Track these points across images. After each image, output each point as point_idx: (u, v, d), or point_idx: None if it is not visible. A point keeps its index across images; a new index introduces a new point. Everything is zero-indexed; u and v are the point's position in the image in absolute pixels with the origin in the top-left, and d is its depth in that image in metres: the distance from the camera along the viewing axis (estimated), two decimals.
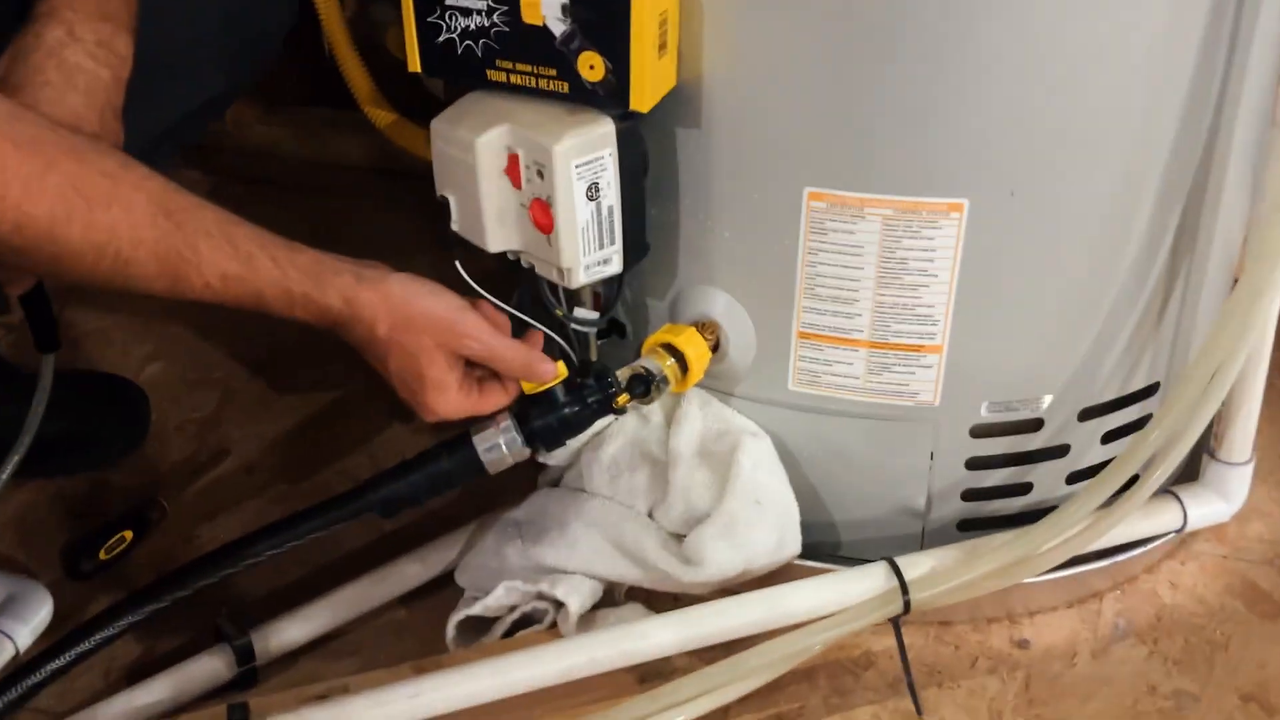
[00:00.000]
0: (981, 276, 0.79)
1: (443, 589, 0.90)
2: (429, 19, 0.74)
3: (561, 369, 0.77)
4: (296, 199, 0.73)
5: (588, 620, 0.85)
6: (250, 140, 1.36)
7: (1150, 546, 0.89)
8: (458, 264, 0.77)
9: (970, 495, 0.90)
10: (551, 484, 0.94)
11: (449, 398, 0.74)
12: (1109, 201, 0.77)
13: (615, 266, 0.79)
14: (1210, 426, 0.86)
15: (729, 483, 0.85)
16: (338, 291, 0.70)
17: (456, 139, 0.75)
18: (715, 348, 0.86)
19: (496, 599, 0.85)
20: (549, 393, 0.79)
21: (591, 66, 0.71)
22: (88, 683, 0.83)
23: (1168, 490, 0.89)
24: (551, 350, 0.82)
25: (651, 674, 0.81)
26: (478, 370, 0.78)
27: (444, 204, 0.78)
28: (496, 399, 0.78)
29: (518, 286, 0.93)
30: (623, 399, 0.80)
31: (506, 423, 0.79)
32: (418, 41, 0.75)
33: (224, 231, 0.65)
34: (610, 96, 0.72)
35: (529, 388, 0.79)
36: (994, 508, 0.91)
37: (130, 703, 0.79)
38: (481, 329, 0.75)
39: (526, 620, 0.86)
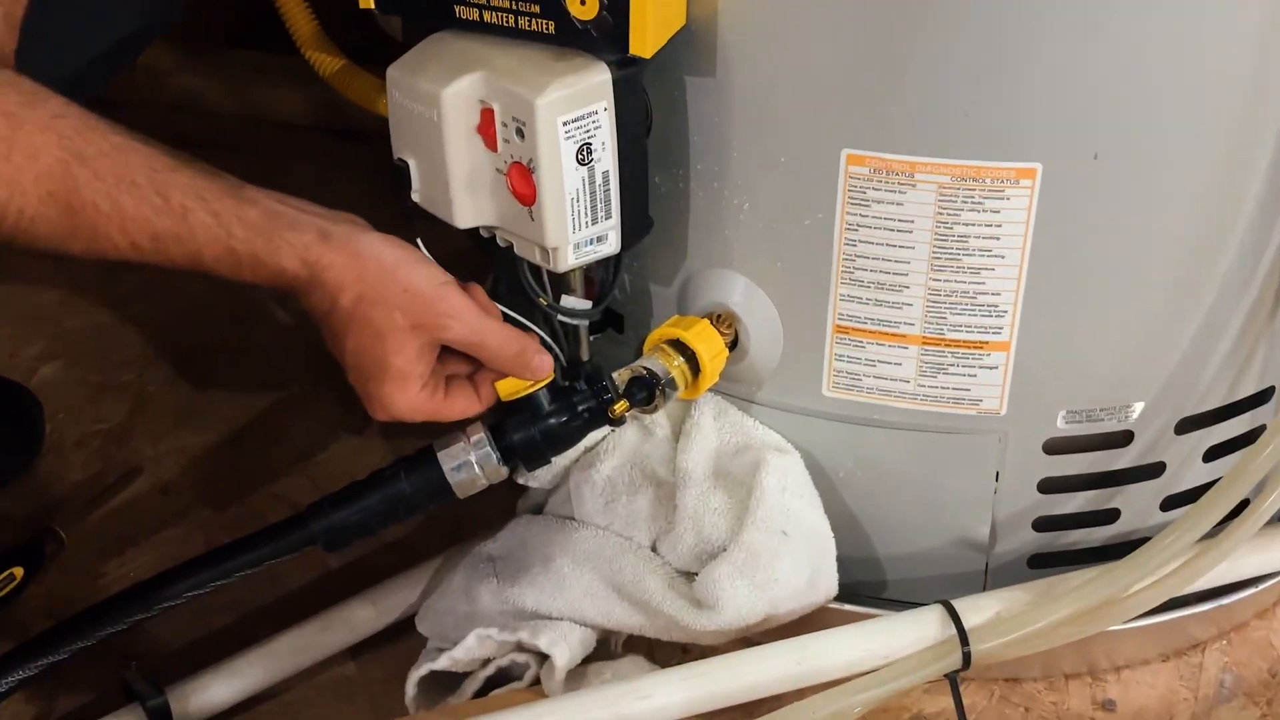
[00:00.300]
0: (1058, 257, 0.78)
1: (401, 638, 0.90)
2: None
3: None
4: (221, 163, 0.72)
5: (577, 676, 0.85)
6: (166, 92, 1.34)
7: (1263, 587, 0.89)
8: (419, 243, 0.77)
9: (1043, 524, 0.90)
10: (533, 511, 0.94)
11: (409, 393, 0.72)
12: (1214, 166, 0.76)
13: (611, 246, 0.79)
14: None
15: (750, 509, 0.85)
16: (295, 252, 0.68)
17: (417, 90, 0.75)
18: (733, 345, 0.86)
19: (467, 650, 0.85)
20: (531, 399, 0.79)
21: (583, 1, 0.70)
22: None
23: None
24: None
25: None
26: (450, 367, 0.77)
27: (402, 169, 0.78)
28: (465, 404, 0.77)
29: (491, 271, 0.93)
30: (620, 407, 0.80)
31: (479, 435, 0.79)
32: None
33: (154, 181, 0.64)
34: (605, 38, 0.72)
35: (506, 393, 0.79)
36: (1072, 539, 0.90)
37: None
38: (467, 310, 0.73)
39: (503, 676, 0.86)
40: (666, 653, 0.88)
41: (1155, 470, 0.87)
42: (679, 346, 0.83)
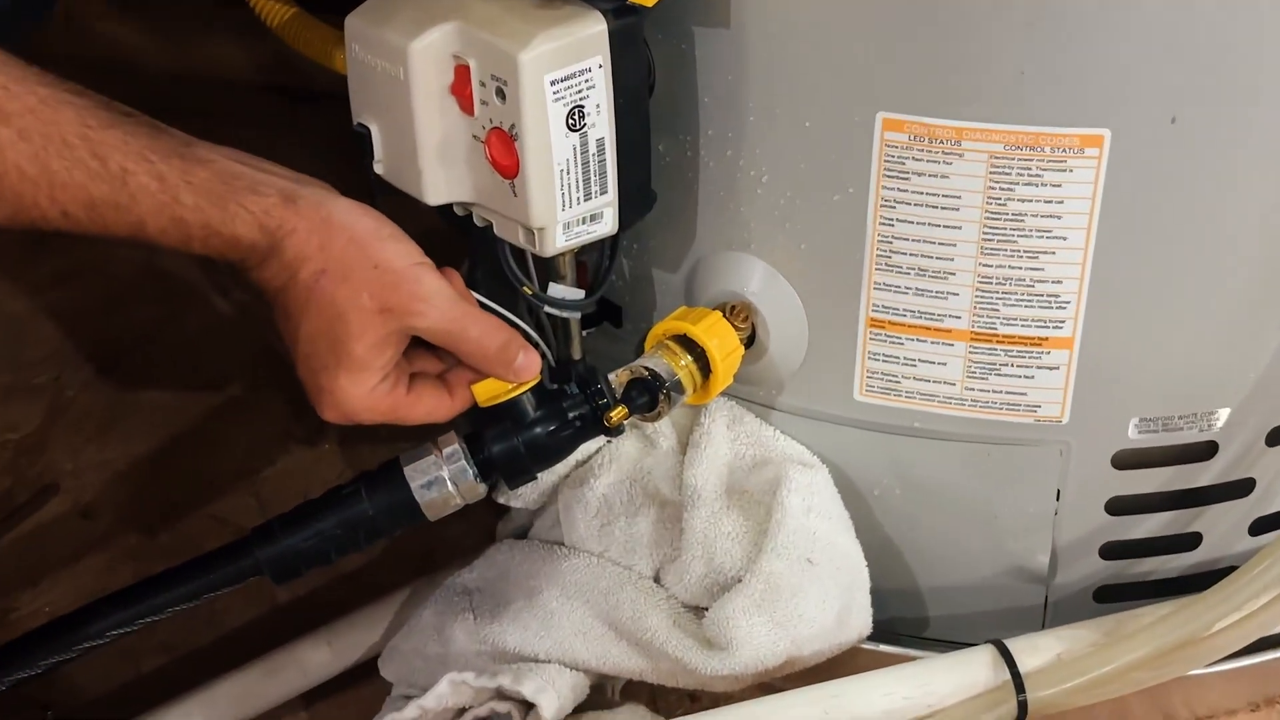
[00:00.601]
0: (1128, 238, 0.79)
1: (361, 683, 0.91)
2: None
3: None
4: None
5: None
6: (91, 45, 1.35)
7: None
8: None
9: (1112, 551, 0.90)
10: (516, 535, 0.95)
11: (365, 386, 0.71)
12: None
13: (607, 225, 0.79)
14: None
15: (770, 532, 0.85)
16: (253, 218, 0.67)
17: (381, 43, 0.75)
18: (750, 341, 0.86)
19: (438, 698, 0.85)
20: (513, 404, 0.79)
21: None
22: None
23: None
24: None
25: None
26: (419, 364, 0.77)
27: (362, 136, 0.78)
28: (432, 405, 0.76)
29: (467, 255, 0.92)
30: (617, 413, 0.80)
31: (452, 447, 0.79)
32: None
33: (88, 141, 0.62)
34: None
35: (485, 397, 0.79)
36: (1146, 568, 0.90)
37: None
38: (443, 295, 0.73)
39: None
40: (671, 701, 0.89)
41: (1243, 488, 0.87)
42: (686, 343, 0.83)
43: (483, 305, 0.81)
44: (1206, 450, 0.85)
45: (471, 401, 0.78)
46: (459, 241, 0.87)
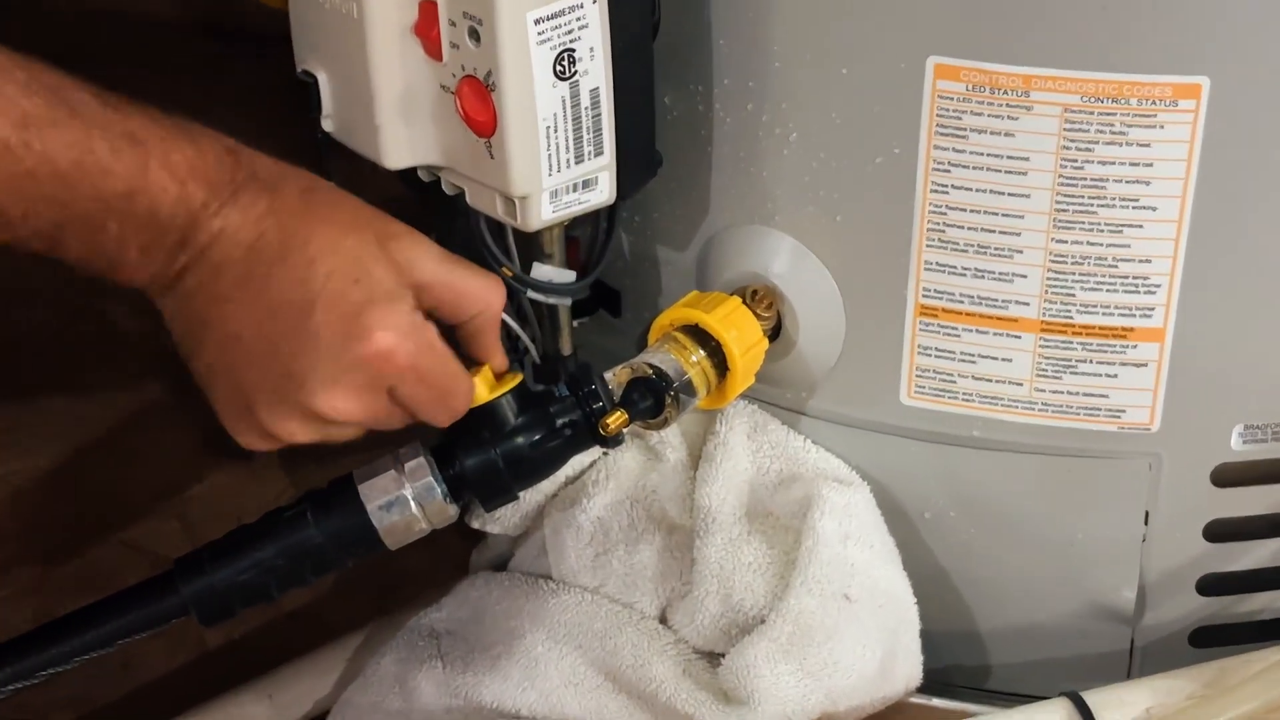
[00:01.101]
0: (1231, 208, 0.79)
1: None
2: None
3: (486, 371, 0.79)
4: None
5: None
6: None
7: None
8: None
9: (1212, 585, 0.89)
10: (493, 567, 0.95)
11: (403, 312, 0.72)
12: None
13: (602, 194, 0.80)
14: None
15: (799, 564, 0.85)
16: (215, 151, 0.70)
17: None
18: (775, 332, 0.87)
19: None
20: (490, 409, 0.79)
21: None
22: None
23: None
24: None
25: None
26: None
27: (308, 86, 0.79)
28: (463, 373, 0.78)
29: (434, 230, 0.90)
30: (615, 419, 0.80)
31: (417, 460, 0.79)
32: None
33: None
34: None
35: None
36: (1252, 607, 0.90)
37: None
38: (434, 246, 0.75)
39: None
40: None
41: None
42: (699, 335, 0.84)
43: None
44: None
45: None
46: (424, 214, 0.87)
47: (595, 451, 0.89)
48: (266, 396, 0.71)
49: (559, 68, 0.75)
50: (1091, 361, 0.84)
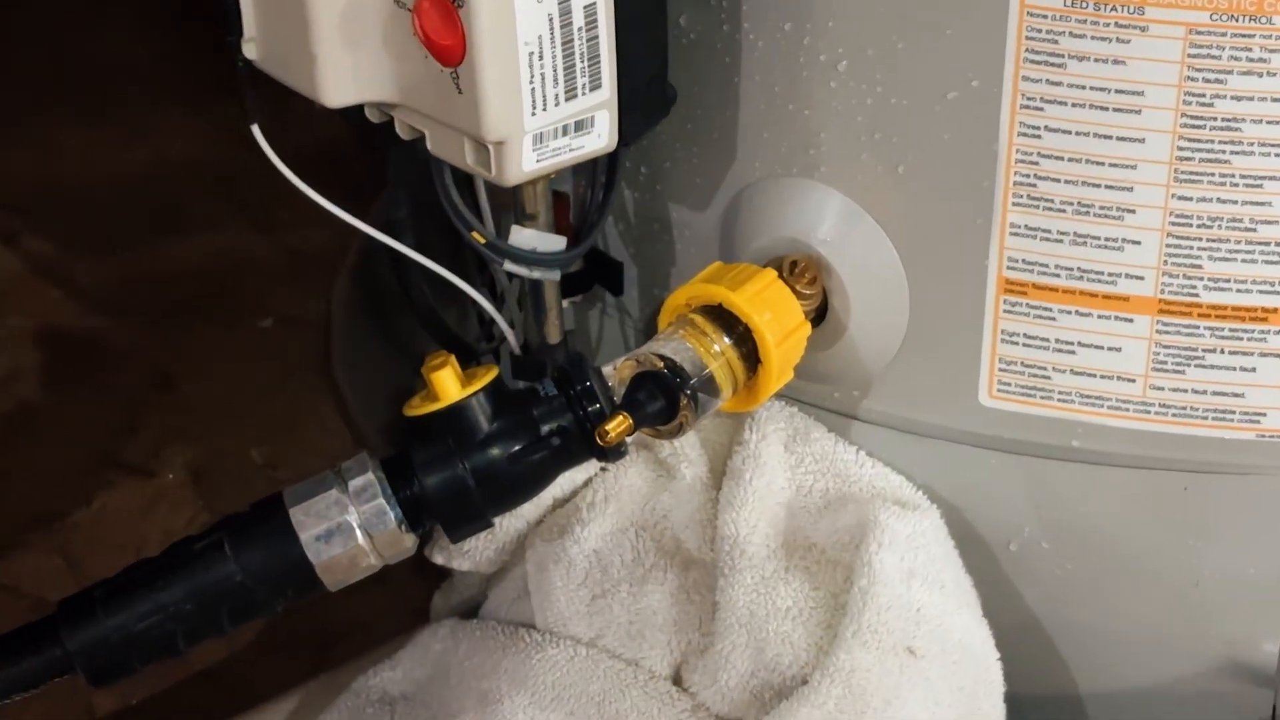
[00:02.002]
0: None
1: None
2: None
3: (452, 363, 0.79)
4: None
5: None
6: None
7: None
8: (255, 131, 0.78)
9: None
10: (461, 613, 0.96)
11: None
12: None
13: (601, 138, 0.80)
14: None
15: (850, 609, 0.85)
16: None
17: None
18: (819, 314, 0.86)
19: None
20: (456, 412, 0.80)
21: None
22: None
23: None
24: (463, 330, 0.84)
25: None
26: None
27: (228, 6, 0.79)
28: None
29: (387, 183, 0.93)
30: (616, 425, 0.80)
31: (364, 478, 0.80)
32: None
33: None
34: None
35: (414, 399, 0.81)
36: None
37: None
38: None
39: None
40: None
41: None
42: (723, 318, 0.83)
43: (403, 280, 0.82)
44: None
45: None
46: (373, 163, 0.87)
47: (591, 466, 0.89)
48: None
49: None
50: (1222, 351, 0.83)
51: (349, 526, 0.78)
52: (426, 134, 0.79)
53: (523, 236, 0.83)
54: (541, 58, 0.75)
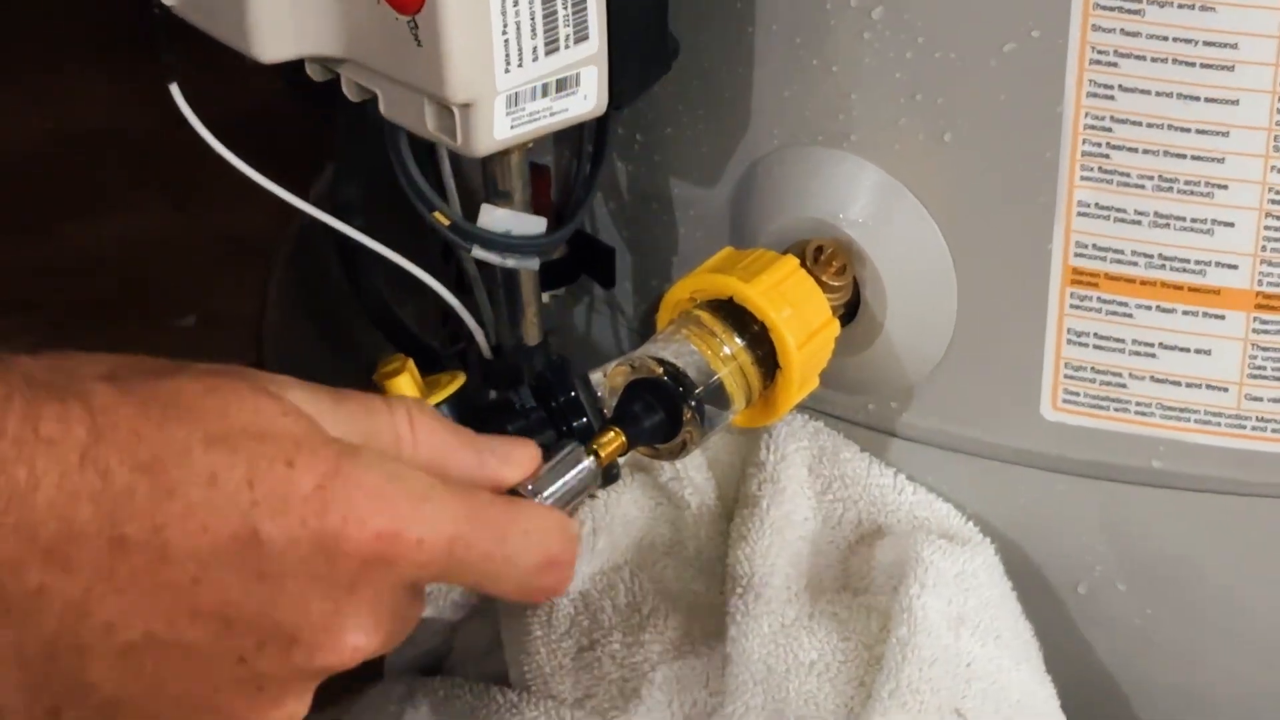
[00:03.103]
0: None
1: None
2: None
3: (410, 370, 0.80)
4: None
5: None
6: None
7: None
8: (174, 91, 0.79)
9: None
10: (421, 669, 0.96)
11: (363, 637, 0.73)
12: None
13: (588, 100, 0.80)
14: None
15: (888, 664, 0.85)
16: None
17: None
18: (849, 311, 0.88)
19: None
20: None
21: None
22: None
23: None
24: (423, 330, 0.84)
25: None
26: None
27: None
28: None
29: (334, 156, 0.93)
30: (607, 443, 0.79)
31: None
32: None
33: None
34: None
35: None
36: None
37: None
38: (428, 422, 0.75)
39: None
40: None
41: None
42: (734, 316, 0.83)
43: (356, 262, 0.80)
44: None
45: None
46: (316, 131, 0.88)
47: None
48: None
49: None
50: None
51: None
52: (379, 95, 0.79)
53: (495, 217, 0.83)
54: (517, 4, 0.76)
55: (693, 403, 0.80)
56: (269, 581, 0.69)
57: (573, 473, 0.76)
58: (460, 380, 0.80)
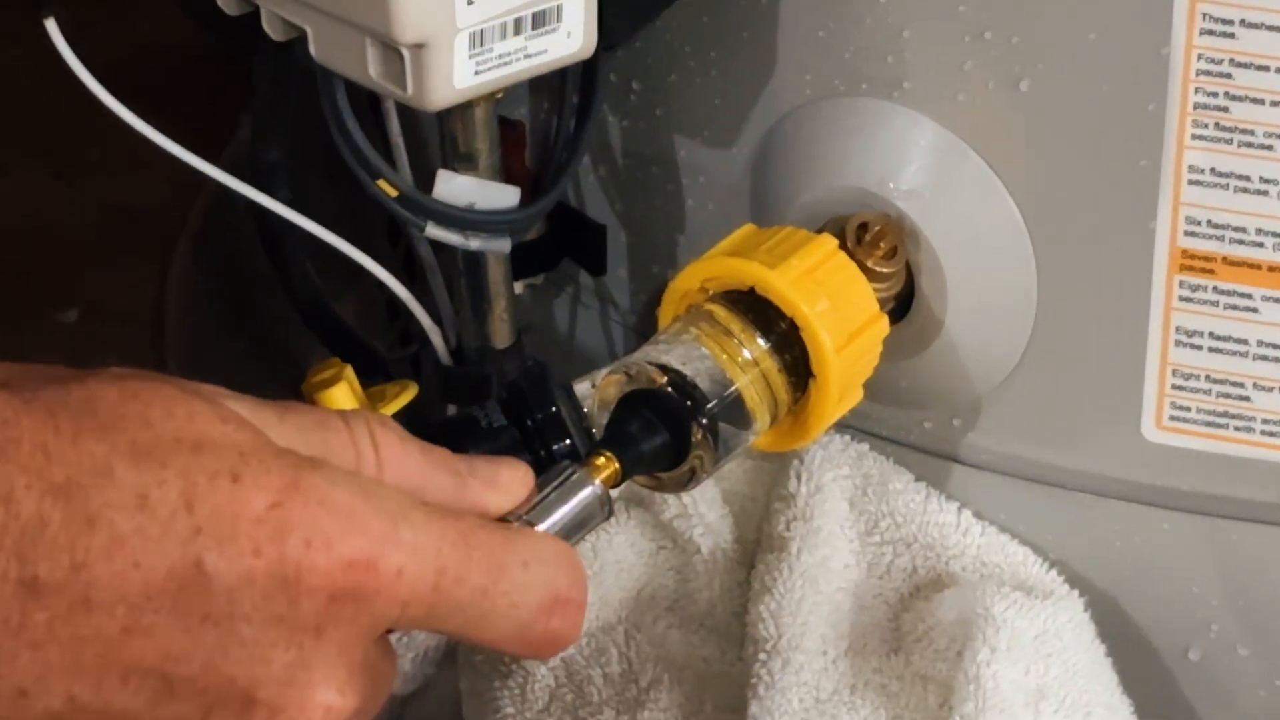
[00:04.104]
0: None
1: None
2: None
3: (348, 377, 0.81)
4: None
5: None
6: None
7: None
8: (50, 28, 0.78)
9: None
10: None
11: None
12: None
13: (571, 38, 0.81)
14: None
15: None
16: None
17: None
18: (902, 304, 0.87)
19: None
20: None
21: None
22: None
23: None
24: (364, 328, 0.83)
25: None
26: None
27: None
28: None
29: (251, 113, 0.93)
30: (599, 469, 0.79)
31: None
32: None
33: None
34: None
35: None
36: None
37: None
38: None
39: None
40: None
41: None
42: (756, 310, 0.84)
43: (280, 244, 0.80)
44: None
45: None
46: (229, 79, 0.87)
47: None
48: None
49: None
50: None
51: None
52: (309, 33, 0.79)
53: (455, 187, 0.83)
54: None
55: (704, 420, 0.80)
56: (217, 627, 0.68)
57: (574, 501, 0.75)
58: (411, 392, 0.81)
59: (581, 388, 0.82)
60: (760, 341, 0.82)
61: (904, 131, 0.85)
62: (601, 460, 0.77)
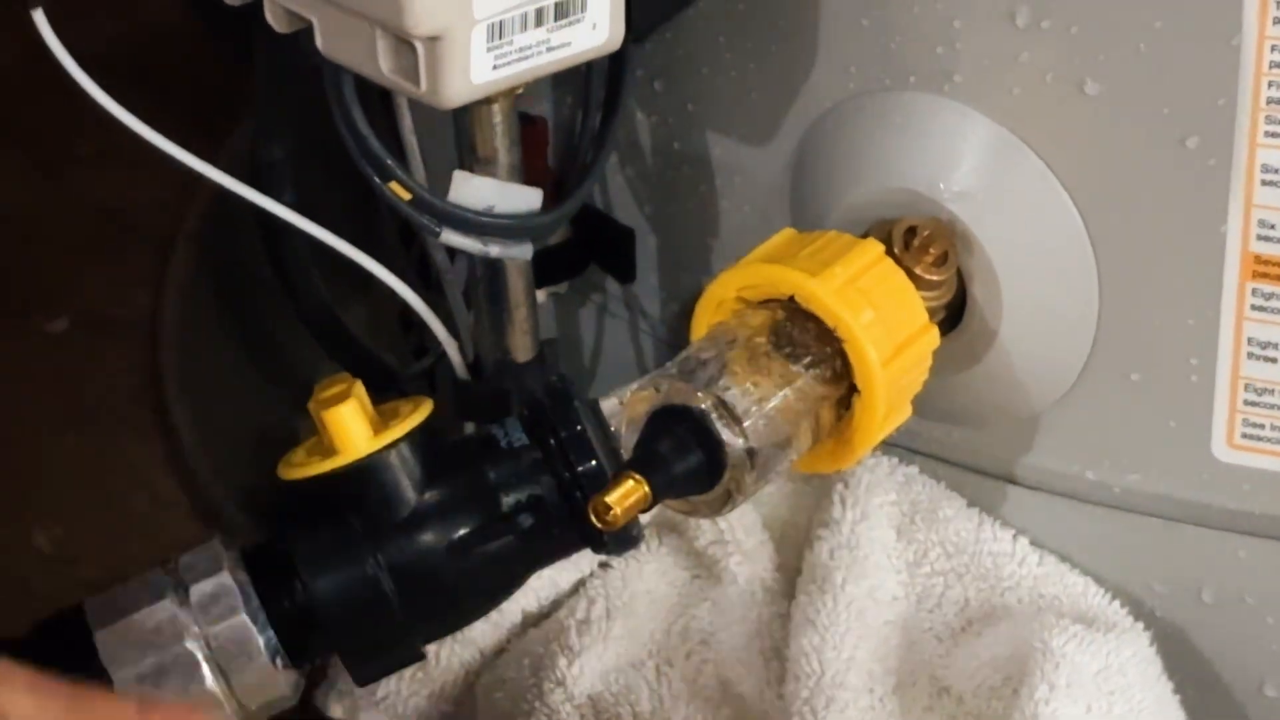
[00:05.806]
0: None
1: None
2: None
3: (358, 394, 0.81)
4: None
5: None
6: None
7: None
8: (39, 19, 0.79)
9: None
10: None
11: None
12: None
13: (596, 30, 0.81)
14: None
15: None
16: None
17: None
18: (953, 315, 0.88)
19: None
20: (370, 471, 0.81)
21: None
22: None
23: None
24: (376, 341, 0.83)
25: None
26: None
27: None
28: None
29: (255, 110, 0.94)
30: (624, 496, 0.79)
31: (215, 580, 0.82)
32: None
33: None
34: None
35: (299, 458, 0.83)
36: None
37: None
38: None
39: None
40: None
41: None
42: (796, 320, 0.83)
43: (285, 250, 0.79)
44: None
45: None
46: (230, 74, 0.88)
47: (585, 562, 0.90)
48: None
49: None
50: None
51: (189, 660, 0.80)
52: (315, 24, 0.80)
53: (472, 189, 0.83)
54: None
55: (740, 440, 0.79)
56: None
57: None
58: (426, 409, 0.81)
59: (609, 404, 0.82)
60: (801, 355, 0.81)
61: (955, 128, 0.85)
62: (629, 483, 0.77)
